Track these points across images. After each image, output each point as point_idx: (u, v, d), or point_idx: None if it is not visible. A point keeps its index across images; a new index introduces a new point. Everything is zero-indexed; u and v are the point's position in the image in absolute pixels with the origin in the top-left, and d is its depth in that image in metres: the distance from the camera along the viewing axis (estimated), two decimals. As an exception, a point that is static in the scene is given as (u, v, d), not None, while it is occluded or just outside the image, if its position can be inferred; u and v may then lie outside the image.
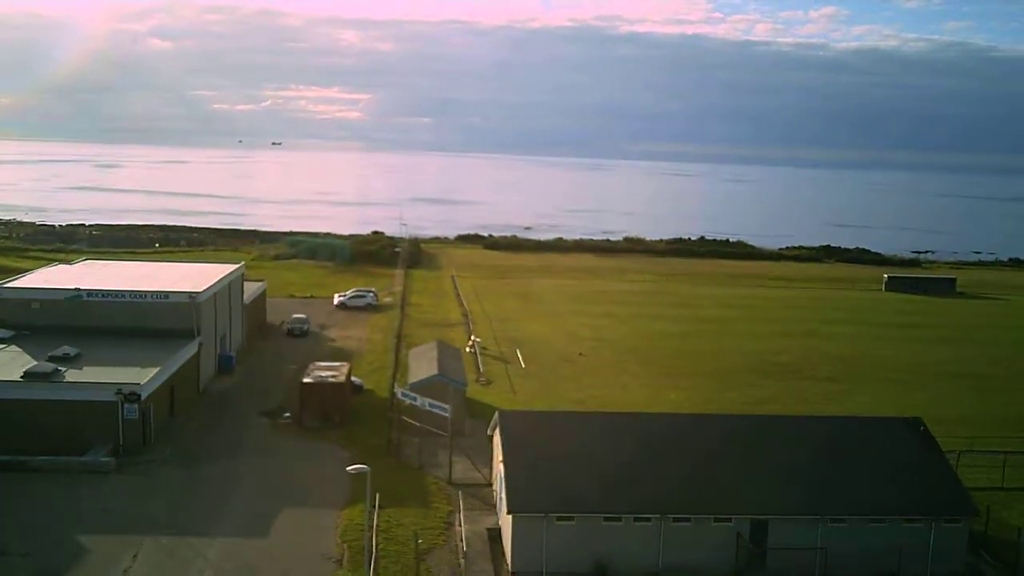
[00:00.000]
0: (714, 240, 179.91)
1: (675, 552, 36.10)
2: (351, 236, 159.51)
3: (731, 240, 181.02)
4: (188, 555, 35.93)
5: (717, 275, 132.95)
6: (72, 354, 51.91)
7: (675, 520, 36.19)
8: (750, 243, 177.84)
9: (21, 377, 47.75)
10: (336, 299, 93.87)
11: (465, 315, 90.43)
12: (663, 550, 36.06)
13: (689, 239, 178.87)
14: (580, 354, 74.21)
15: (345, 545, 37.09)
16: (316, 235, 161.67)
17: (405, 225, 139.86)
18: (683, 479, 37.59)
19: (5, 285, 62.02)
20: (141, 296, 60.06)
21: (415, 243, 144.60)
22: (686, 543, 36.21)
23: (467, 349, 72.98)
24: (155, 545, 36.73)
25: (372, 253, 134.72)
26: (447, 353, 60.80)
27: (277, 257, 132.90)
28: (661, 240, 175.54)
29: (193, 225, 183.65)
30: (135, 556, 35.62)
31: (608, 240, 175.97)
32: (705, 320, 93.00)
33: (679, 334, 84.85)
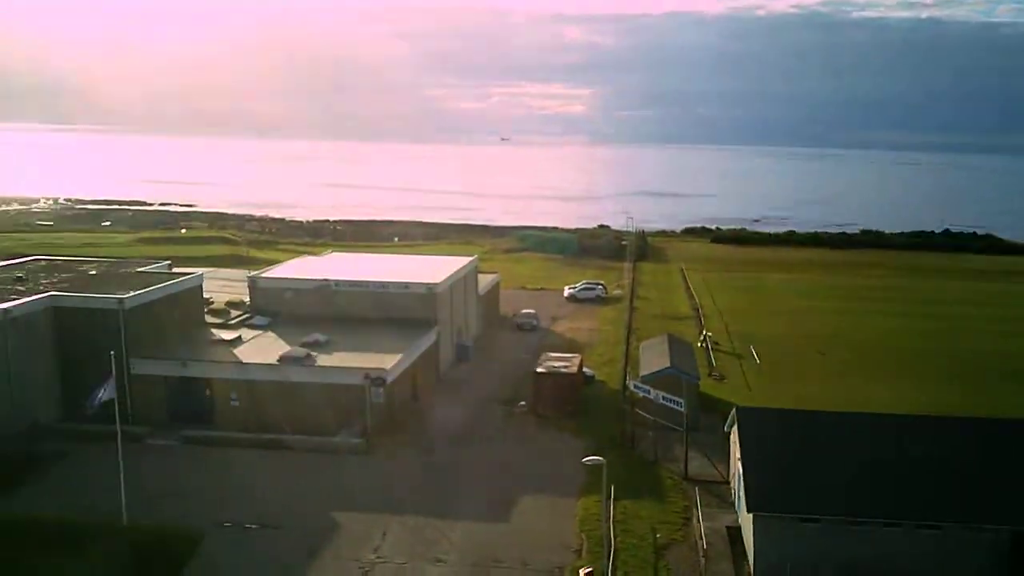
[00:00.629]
0: (959, 233, 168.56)
1: (924, 561, 33.80)
2: (577, 230, 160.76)
3: (978, 233, 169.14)
4: (433, 536, 37.10)
5: (964, 270, 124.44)
6: (322, 340, 54.85)
7: (925, 527, 33.91)
8: (1001, 236, 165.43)
9: (277, 360, 50.95)
10: (566, 291, 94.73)
11: (695, 309, 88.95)
12: (911, 558, 33.86)
13: (932, 232, 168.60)
14: (820, 352, 71.10)
15: (583, 535, 37.15)
16: (544, 229, 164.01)
17: (631, 219, 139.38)
18: (934, 484, 35.11)
19: (261, 275, 66.41)
20: (383, 286, 62.74)
21: (642, 236, 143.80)
22: (936, 552, 33.83)
23: (698, 344, 71.65)
24: (402, 524, 38.20)
25: (598, 247, 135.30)
26: (678, 347, 59.88)
27: (508, 251, 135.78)
28: (900, 233, 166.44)
29: (429, 220, 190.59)
30: (384, 534, 37.17)
31: (844, 233, 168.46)
32: (951, 318, 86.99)
33: (922, 332, 79.78)
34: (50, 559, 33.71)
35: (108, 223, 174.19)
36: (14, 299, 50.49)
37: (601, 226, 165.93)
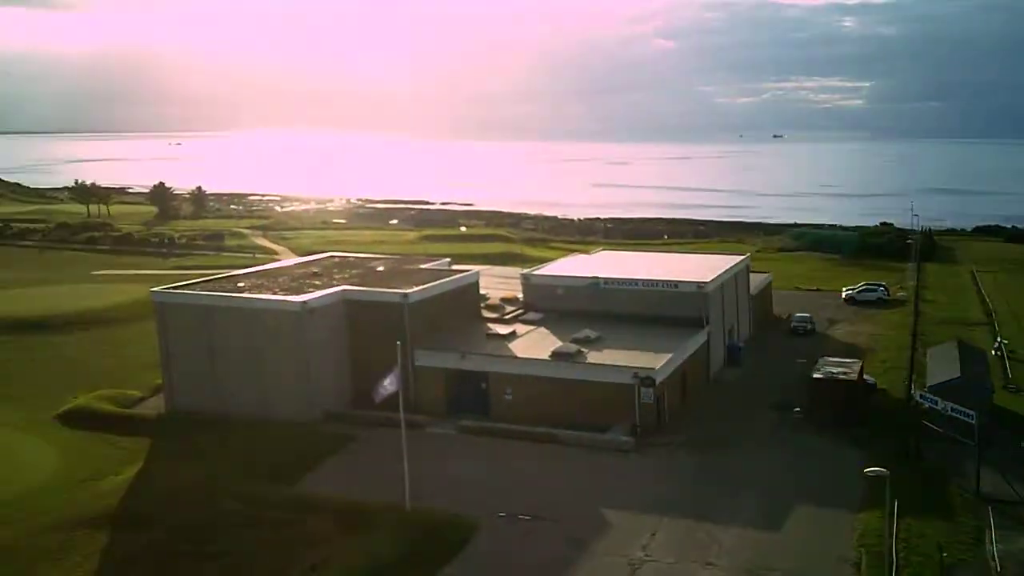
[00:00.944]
0: None
1: None
2: (856, 228, 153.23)
3: None
4: (703, 539, 36.59)
5: None
6: (592, 337, 55.49)
7: None
8: None
9: (549, 356, 52.10)
10: (844, 293, 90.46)
11: (988, 313, 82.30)
12: None
13: None
14: None
15: (863, 550, 35.33)
16: (820, 227, 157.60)
17: (916, 216, 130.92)
18: None
19: (534, 272, 68.14)
20: (653, 284, 62.54)
21: (928, 235, 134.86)
22: None
23: (992, 351, 66.29)
24: (672, 525, 37.96)
25: (880, 246, 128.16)
26: (970, 354, 55.71)
27: (781, 249, 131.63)
28: None
29: (698, 218, 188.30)
30: (653, 534, 37.07)
31: None
32: None
33: None
34: (343, 536, 36.29)
35: (395, 221, 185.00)
36: (311, 292, 54.76)
37: (883, 224, 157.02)
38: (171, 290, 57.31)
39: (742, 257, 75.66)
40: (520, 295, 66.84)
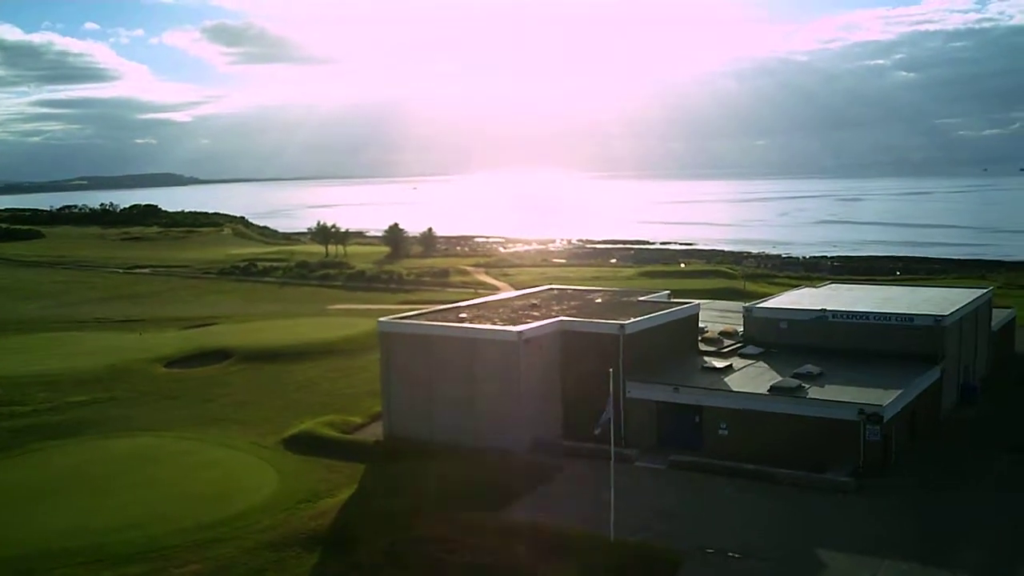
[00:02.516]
0: None
1: None
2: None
3: None
4: (928, 586, 33.37)
5: None
6: (815, 372, 52.38)
7: None
8: None
9: (768, 391, 49.57)
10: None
11: None
12: None
13: None
14: None
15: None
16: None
17: None
18: None
19: (756, 305, 65.48)
20: (885, 318, 58.59)
21: None
22: None
23: None
24: (893, 568, 34.92)
25: None
26: None
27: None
28: None
29: (934, 256, 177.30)
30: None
31: None
32: None
33: None
34: (545, 564, 35.56)
35: (615, 260, 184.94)
36: (528, 323, 54.79)
37: None
38: (395, 320, 58.91)
39: (984, 291, 69.85)
40: (740, 329, 64.44)
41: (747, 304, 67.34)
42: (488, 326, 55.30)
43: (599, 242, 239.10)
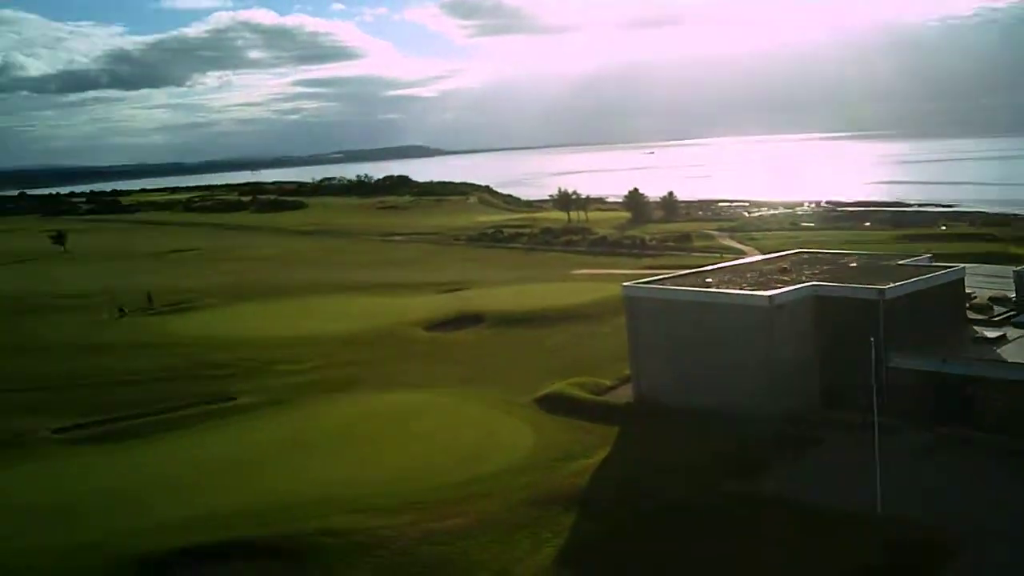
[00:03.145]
0: None
1: None
2: None
3: None
4: None
5: None
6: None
7: None
8: None
9: (1049, 363, 46.03)
10: None
11: None
12: None
13: None
14: None
15: None
16: None
17: None
18: None
19: (1032, 270, 60.81)
20: None
21: None
22: None
23: None
24: None
25: None
26: None
27: None
28: None
29: None
30: None
31: None
32: None
33: None
34: (803, 538, 34.87)
35: (868, 224, 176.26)
36: (778, 288, 53.45)
37: None
38: (641, 285, 59.12)
39: None
40: (1013, 295, 60.03)
41: (1019, 268, 62.53)
42: (737, 291, 54.39)
43: (850, 204, 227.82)
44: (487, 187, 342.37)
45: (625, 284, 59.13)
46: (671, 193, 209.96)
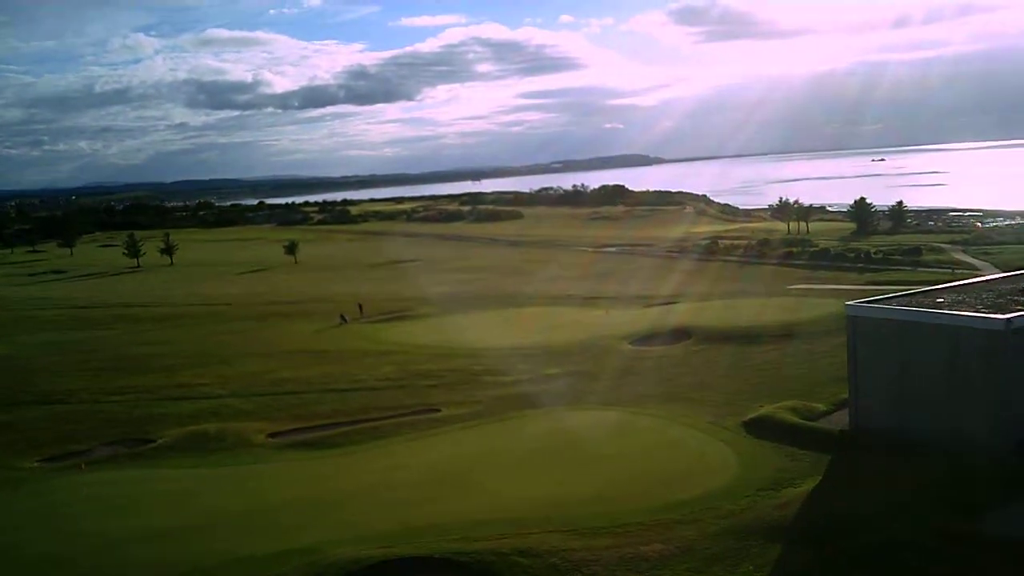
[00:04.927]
0: None
1: None
2: None
3: None
4: None
5: None
6: None
7: None
8: None
9: None
10: None
11: None
12: None
13: None
14: None
15: None
16: None
17: None
18: None
19: None
20: None
21: None
22: None
23: None
24: None
25: None
26: None
27: None
28: None
29: None
30: None
31: None
32: None
33: None
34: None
35: None
36: (1018, 310, 48.75)
37: None
38: (865, 304, 55.51)
39: None
40: None
41: None
42: (970, 313, 49.96)
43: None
44: (704, 196, 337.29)
45: (848, 303, 55.64)
46: (900, 203, 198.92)
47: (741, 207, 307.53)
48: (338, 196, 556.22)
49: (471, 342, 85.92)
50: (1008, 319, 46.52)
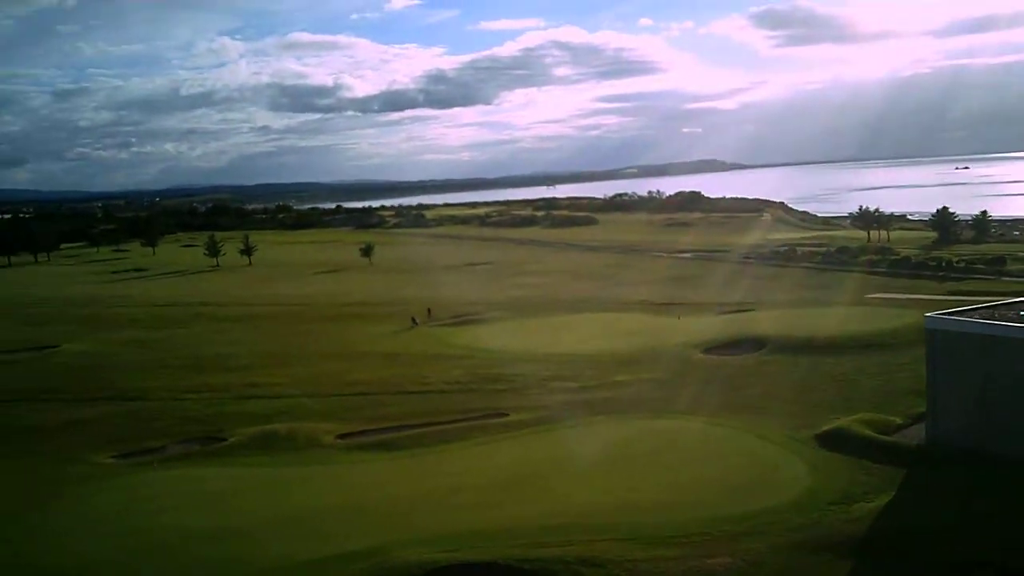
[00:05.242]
0: None
1: None
2: None
3: None
4: None
5: None
6: None
7: None
8: None
9: None
10: None
11: None
12: None
13: None
14: None
15: None
16: None
17: None
18: None
19: None
20: None
21: None
22: None
23: None
24: None
25: None
26: None
27: None
28: None
29: None
30: None
31: None
32: None
33: None
34: None
35: None
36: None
37: None
38: (945, 316, 53.95)
39: None
40: None
41: None
42: (1057, 327, 48.27)
43: None
44: (781, 203, 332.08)
45: (928, 315, 54.15)
46: (984, 212, 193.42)
47: (820, 215, 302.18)
48: (414, 200, 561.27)
49: (541, 347, 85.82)
50: (1096, 333, 44.85)
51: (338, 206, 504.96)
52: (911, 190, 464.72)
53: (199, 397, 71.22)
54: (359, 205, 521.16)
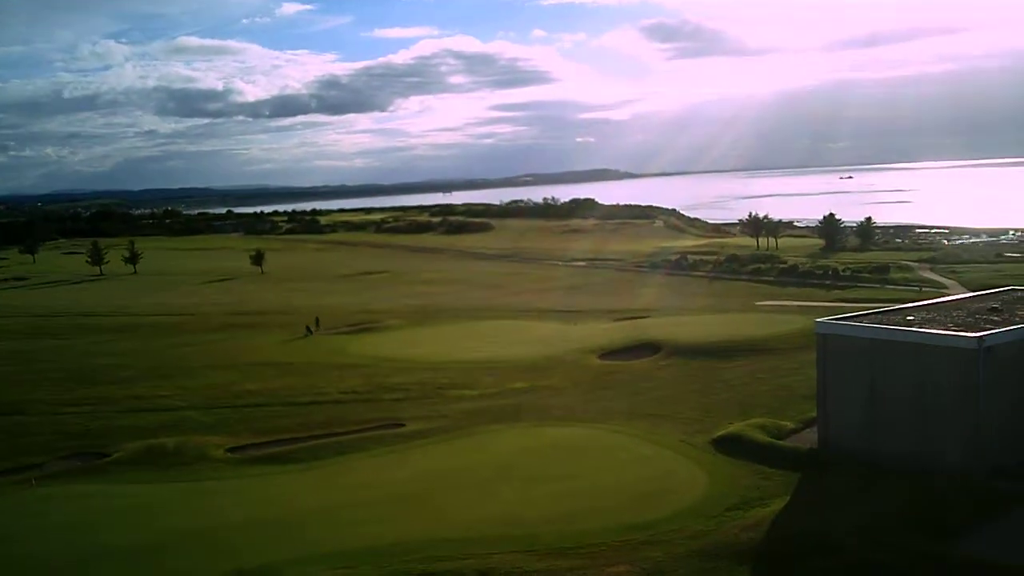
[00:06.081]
0: None
1: None
2: None
3: None
4: None
5: None
6: None
7: None
8: None
9: None
10: None
11: None
12: None
13: None
14: None
15: None
16: None
17: None
18: None
19: None
20: None
21: None
22: None
23: None
24: None
25: None
26: None
27: None
28: None
29: None
30: None
31: None
32: None
33: None
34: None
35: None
36: (988, 328, 48.47)
37: None
38: (835, 321, 55.06)
39: None
40: None
41: None
42: (941, 331, 49.64)
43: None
44: (673, 210, 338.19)
45: (818, 320, 55.22)
46: (869, 219, 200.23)
47: (711, 221, 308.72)
48: (307, 206, 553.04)
49: (438, 355, 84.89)
50: (980, 337, 46.18)
51: (228, 211, 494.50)
52: (798, 198, 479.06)
53: (81, 411, 67.96)
54: (250, 211, 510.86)
